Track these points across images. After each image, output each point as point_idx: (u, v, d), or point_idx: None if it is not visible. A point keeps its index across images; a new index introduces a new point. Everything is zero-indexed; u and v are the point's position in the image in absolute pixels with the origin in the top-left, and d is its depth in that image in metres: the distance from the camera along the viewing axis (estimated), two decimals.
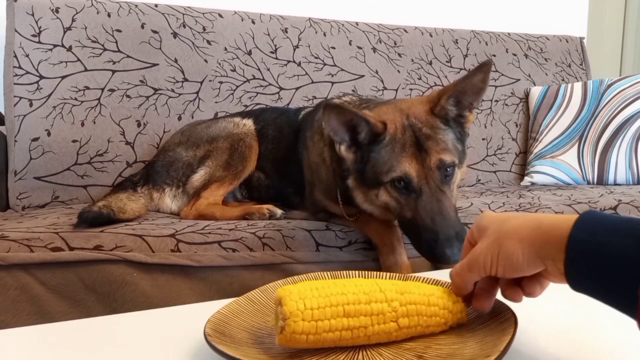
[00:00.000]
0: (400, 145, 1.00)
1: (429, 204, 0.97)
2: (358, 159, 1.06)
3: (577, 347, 0.58)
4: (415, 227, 0.99)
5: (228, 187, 1.40)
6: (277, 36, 1.92)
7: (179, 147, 1.47)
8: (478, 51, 2.23)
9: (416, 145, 1.00)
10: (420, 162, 0.99)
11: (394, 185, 1.01)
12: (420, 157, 0.99)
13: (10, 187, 1.54)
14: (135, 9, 1.74)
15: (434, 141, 1.00)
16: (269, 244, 1.10)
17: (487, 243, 0.53)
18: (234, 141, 1.42)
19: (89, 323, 0.70)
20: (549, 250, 0.47)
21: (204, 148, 1.43)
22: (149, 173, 1.48)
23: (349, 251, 1.16)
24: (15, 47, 1.57)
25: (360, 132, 1.03)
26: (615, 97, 1.98)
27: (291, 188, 1.44)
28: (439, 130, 1.03)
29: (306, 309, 0.51)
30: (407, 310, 0.54)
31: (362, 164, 1.05)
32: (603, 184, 1.94)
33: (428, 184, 0.99)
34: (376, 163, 1.02)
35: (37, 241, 0.99)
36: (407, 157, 0.99)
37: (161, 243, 1.05)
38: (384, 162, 1.01)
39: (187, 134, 1.51)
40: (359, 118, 1.00)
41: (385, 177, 1.01)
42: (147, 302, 1.01)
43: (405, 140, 1.00)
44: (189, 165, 1.43)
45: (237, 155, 1.40)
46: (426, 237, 0.96)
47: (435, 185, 0.99)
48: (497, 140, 2.18)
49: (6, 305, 0.95)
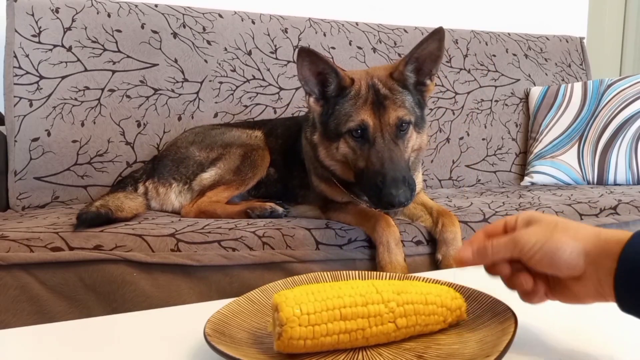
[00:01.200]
0: (362, 100, 1.11)
1: (380, 152, 1.07)
2: (324, 111, 1.16)
3: (577, 347, 0.58)
4: (366, 175, 1.07)
5: (234, 192, 1.41)
6: (277, 36, 1.92)
7: (192, 146, 1.49)
8: (478, 51, 2.23)
9: (375, 102, 1.10)
10: (377, 117, 1.09)
11: (351, 134, 1.11)
12: (378, 113, 1.09)
13: (10, 187, 1.54)
14: (135, 9, 1.74)
15: (391, 100, 1.11)
16: (269, 243, 1.10)
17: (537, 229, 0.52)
18: (247, 150, 1.44)
19: (89, 323, 0.71)
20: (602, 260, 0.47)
21: (217, 151, 1.45)
22: (155, 167, 1.50)
23: (348, 249, 1.16)
24: (15, 47, 1.57)
25: (329, 84, 1.14)
26: (615, 97, 1.98)
27: (297, 181, 1.46)
28: (396, 91, 1.13)
29: (302, 314, 0.51)
30: (404, 310, 0.54)
31: (327, 116, 1.15)
32: (603, 184, 1.94)
33: (382, 136, 1.09)
34: (339, 115, 1.13)
35: (37, 241, 0.99)
36: (366, 110, 1.10)
37: (161, 242, 1.05)
38: (345, 114, 1.12)
39: (202, 136, 1.52)
40: (330, 68, 1.11)
41: (344, 127, 1.11)
42: (147, 301, 1.01)
43: (367, 96, 1.11)
44: (200, 164, 1.44)
45: (248, 163, 1.42)
46: (374, 180, 1.04)
47: (389, 138, 1.09)
48: (497, 140, 2.18)
49: (6, 305, 0.95)
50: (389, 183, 1.02)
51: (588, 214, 1.40)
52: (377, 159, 1.06)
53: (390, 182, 1.02)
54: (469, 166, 2.12)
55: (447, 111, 2.12)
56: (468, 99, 2.16)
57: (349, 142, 1.12)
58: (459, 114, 2.13)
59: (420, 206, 1.31)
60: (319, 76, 1.13)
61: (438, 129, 2.09)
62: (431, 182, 2.04)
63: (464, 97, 2.16)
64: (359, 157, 1.11)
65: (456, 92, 2.15)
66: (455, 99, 2.14)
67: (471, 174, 2.12)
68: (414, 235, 1.22)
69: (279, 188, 1.50)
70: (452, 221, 1.20)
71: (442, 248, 1.18)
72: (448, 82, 2.14)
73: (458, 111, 2.13)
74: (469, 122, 2.14)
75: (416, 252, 1.20)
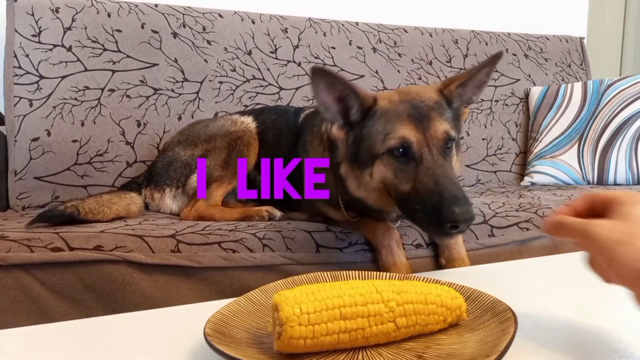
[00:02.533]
0: (395, 115, 0.96)
1: (431, 169, 0.91)
2: (350, 139, 1.02)
3: (577, 347, 0.58)
4: (416, 197, 0.91)
5: (227, 187, 1.39)
6: (277, 36, 1.92)
7: (178, 147, 1.47)
8: (478, 51, 2.23)
9: (415, 115, 0.95)
10: (420, 130, 0.94)
11: (391, 154, 0.95)
12: (421, 125, 0.94)
13: (10, 187, 1.54)
14: (135, 9, 1.74)
15: (437, 112, 0.97)
16: (269, 245, 1.10)
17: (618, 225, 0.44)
18: (231, 140, 1.41)
19: (89, 323, 0.71)
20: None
21: (201, 147, 1.42)
22: (151, 174, 1.49)
23: (349, 252, 1.15)
24: (15, 47, 1.57)
25: (351, 107, 1.00)
26: (615, 97, 1.98)
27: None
28: (442, 105, 1.00)
29: (302, 313, 0.51)
30: (404, 309, 0.54)
31: (354, 144, 1.01)
32: (603, 184, 1.94)
33: (430, 151, 0.93)
34: (370, 136, 0.98)
35: (37, 241, 0.99)
36: (405, 123, 0.95)
37: (161, 244, 1.05)
38: (378, 133, 0.97)
39: (186, 134, 1.51)
40: (348, 88, 0.97)
41: (381, 148, 0.96)
42: (147, 302, 1.01)
43: (400, 110, 0.96)
44: (187, 165, 1.42)
45: (235, 154, 1.38)
46: (430, 201, 0.87)
47: (438, 153, 0.93)
48: (497, 140, 2.18)
49: (6, 305, 0.95)
50: (449, 201, 0.85)
51: None
52: (429, 178, 0.90)
53: (450, 200, 0.85)
54: (469, 166, 2.12)
55: None
56: None
57: (388, 165, 0.96)
58: None
59: None
60: (339, 98, 0.99)
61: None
62: None
63: None
64: (401, 180, 0.94)
65: None
66: None
67: (471, 174, 2.12)
68: (414, 239, 1.21)
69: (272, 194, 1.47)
70: None
71: (445, 252, 1.16)
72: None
73: None
74: (469, 122, 2.14)
75: (416, 255, 1.19)
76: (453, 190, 0.87)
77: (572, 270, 0.94)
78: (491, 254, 1.25)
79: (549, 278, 0.87)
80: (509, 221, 1.31)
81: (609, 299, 0.73)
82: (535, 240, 1.31)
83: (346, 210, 1.17)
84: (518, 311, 0.56)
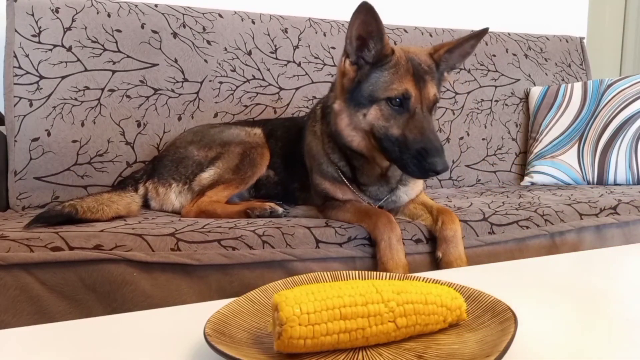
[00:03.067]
0: (404, 70, 1.14)
1: (420, 122, 1.11)
2: (357, 77, 1.17)
3: (577, 347, 0.58)
4: (403, 143, 1.11)
5: (234, 190, 1.41)
6: (277, 36, 1.92)
7: (191, 146, 1.48)
8: (478, 51, 2.23)
9: (416, 74, 1.14)
10: (418, 89, 1.14)
11: (389, 102, 1.13)
12: (419, 85, 1.14)
13: (10, 187, 1.54)
14: (135, 9, 1.74)
15: (431, 76, 1.17)
16: (268, 242, 1.10)
17: None
18: (246, 148, 1.44)
19: (89, 323, 0.71)
20: None
21: (215, 150, 1.45)
22: (155, 167, 1.50)
23: (348, 247, 1.16)
24: (15, 47, 1.57)
25: (370, 49, 1.15)
26: (615, 97, 1.98)
27: (297, 184, 1.47)
28: (433, 70, 1.19)
29: (302, 313, 0.51)
30: (404, 309, 0.54)
31: (357, 83, 1.17)
32: (603, 184, 1.94)
33: (422, 107, 1.14)
34: (377, 81, 1.15)
35: (37, 241, 0.99)
36: (409, 80, 1.13)
37: (161, 242, 1.05)
38: (385, 81, 1.14)
39: (200, 135, 1.52)
40: (379, 32, 1.13)
41: (383, 94, 1.13)
42: (147, 301, 1.01)
43: (408, 67, 1.14)
44: (199, 164, 1.44)
45: (247, 161, 1.42)
46: (415, 148, 1.08)
47: (427, 110, 1.15)
48: (497, 140, 2.18)
49: (6, 305, 0.95)
50: (433, 152, 1.07)
51: (588, 213, 1.40)
52: (418, 129, 1.10)
53: (433, 151, 1.07)
54: (469, 166, 2.12)
55: (447, 111, 2.12)
56: (468, 99, 2.16)
57: (383, 110, 1.14)
58: (459, 114, 2.13)
59: (420, 205, 1.31)
60: (360, 40, 1.15)
61: (438, 129, 2.09)
62: (431, 182, 2.04)
63: (464, 97, 2.16)
64: (393, 126, 1.13)
65: (456, 92, 2.15)
66: (455, 99, 2.14)
67: (471, 174, 2.12)
68: (414, 234, 1.22)
69: (279, 190, 1.50)
70: (452, 219, 1.21)
71: (442, 245, 1.18)
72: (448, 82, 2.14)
73: (458, 111, 2.14)
74: (469, 122, 2.14)
75: (416, 250, 1.20)
76: (436, 143, 1.09)
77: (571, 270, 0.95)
78: (491, 252, 1.26)
79: (549, 278, 0.87)
80: (509, 219, 1.31)
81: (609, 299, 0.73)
82: (535, 238, 1.31)
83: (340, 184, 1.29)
84: (518, 311, 0.56)
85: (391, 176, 1.29)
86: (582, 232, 1.37)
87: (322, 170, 1.32)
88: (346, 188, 1.29)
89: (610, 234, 1.40)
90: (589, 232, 1.38)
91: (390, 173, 1.28)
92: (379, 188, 1.30)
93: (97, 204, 1.25)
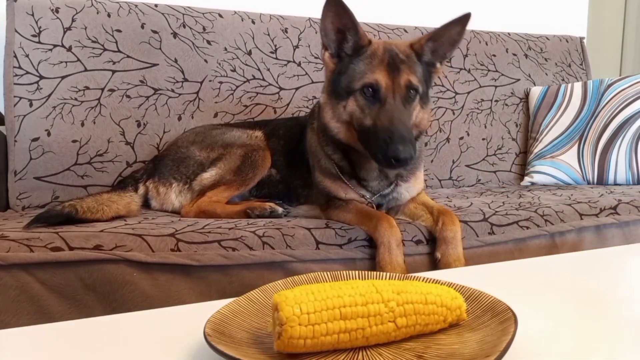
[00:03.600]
0: (378, 60, 1.16)
1: (390, 111, 1.12)
2: (337, 70, 1.21)
3: (577, 347, 0.58)
4: (373, 132, 1.12)
5: (234, 192, 1.41)
6: (277, 36, 1.92)
7: (193, 146, 1.49)
8: (478, 51, 2.23)
9: (391, 64, 1.15)
10: (391, 78, 1.14)
11: (362, 92, 1.15)
12: (392, 75, 1.14)
13: (10, 187, 1.54)
14: (135, 9, 1.74)
15: (406, 65, 1.17)
16: (268, 243, 1.10)
17: None
18: (248, 150, 1.44)
19: (89, 323, 0.71)
20: None
21: (218, 151, 1.45)
22: (156, 167, 1.50)
23: (348, 249, 1.16)
24: (15, 47, 1.57)
25: (348, 40, 1.19)
26: (615, 97, 1.98)
27: (299, 181, 1.47)
28: (412, 60, 1.19)
29: (302, 313, 0.51)
30: (404, 309, 0.54)
31: (338, 75, 1.20)
32: (603, 184, 1.94)
33: (394, 98, 1.14)
34: (352, 73, 1.17)
35: (37, 241, 0.99)
36: (382, 70, 1.15)
37: (161, 242, 1.05)
38: (359, 72, 1.16)
39: (203, 136, 1.52)
40: (352, 24, 1.16)
41: (357, 84, 1.16)
42: (147, 301, 1.01)
43: (383, 58, 1.16)
44: (200, 164, 1.44)
45: (249, 163, 1.42)
46: (382, 136, 1.09)
47: (400, 100, 1.14)
48: (497, 140, 2.18)
49: (6, 305, 0.95)
50: (397, 139, 1.07)
51: (588, 213, 1.40)
52: (387, 118, 1.11)
53: (397, 139, 1.07)
54: (469, 166, 2.12)
55: (447, 111, 2.12)
56: (468, 99, 2.16)
57: (359, 100, 1.16)
58: (459, 114, 2.13)
59: (421, 206, 1.31)
60: (339, 33, 1.18)
61: (438, 129, 2.09)
62: (431, 182, 2.04)
63: (464, 97, 2.16)
64: (366, 116, 1.14)
65: (456, 92, 2.15)
66: (455, 99, 2.14)
67: (471, 173, 2.12)
68: (414, 235, 1.22)
69: (281, 188, 1.50)
70: (453, 220, 1.21)
71: (442, 246, 1.18)
72: (448, 82, 2.14)
73: (458, 111, 2.14)
74: (469, 122, 2.14)
75: (416, 251, 1.20)
76: (402, 132, 1.09)
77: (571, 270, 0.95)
78: (492, 252, 1.26)
79: (549, 278, 0.87)
80: (509, 219, 1.31)
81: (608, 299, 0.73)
82: (535, 238, 1.31)
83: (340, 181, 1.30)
84: (518, 311, 0.56)
85: (388, 170, 1.28)
86: (582, 232, 1.37)
87: (321, 166, 1.33)
88: (346, 185, 1.29)
89: (610, 234, 1.40)
90: (589, 232, 1.38)
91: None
92: (379, 183, 1.30)
93: (97, 204, 1.25)
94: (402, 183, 1.32)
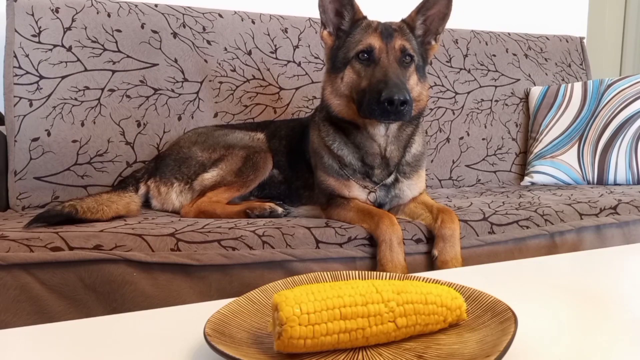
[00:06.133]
0: (372, 29, 1.23)
1: (384, 68, 1.16)
2: (335, 46, 1.28)
3: (577, 347, 0.58)
4: (369, 89, 1.15)
5: (234, 193, 1.41)
6: (277, 36, 1.92)
7: (195, 146, 1.49)
8: (478, 51, 2.23)
9: (384, 32, 1.22)
10: (384, 42, 1.21)
11: (358, 58, 1.20)
12: (385, 40, 1.21)
13: (10, 187, 1.54)
14: (135, 9, 1.74)
15: (399, 33, 1.24)
16: (268, 242, 1.10)
17: None
18: (250, 152, 1.45)
19: (89, 323, 0.71)
20: None
21: (219, 152, 1.45)
22: (157, 166, 1.50)
23: (348, 248, 1.16)
24: (15, 47, 1.57)
25: (345, 17, 1.26)
26: (615, 97, 1.98)
27: (300, 181, 1.47)
28: (405, 30, 1.26)
29: (302, 313, 0.51)
30: (404, 309, 0.54)
31: (336, 50, 1.26)
32: (603, 184, 1.94)
33: (387, 56, 1.19)
34: (349, 44, 1.24)
35: (37, 241, 0.99)
36: (376, 36, 1.21)
37: (161, 242, 1.05)
38: (355, 41, 1.23)
39: (205, 136, 1.52)
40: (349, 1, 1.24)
41: (352, 52, 1.22)
42: (147, 301, 1.01)
43: (376, 27, 1.24)
44: (202, 164, 1.44)
45: (250, 165, 1.43)
46: (377, 88, 1.12)
47: (394, 59, 1.19)
48: (497, 140, 2.18)
49: (6, 305, 0.95)
50: (391, 86, 1.10)
51: (588, 213, 1.40)
52: (381, 73, 1.15)
53: (392, 85, 1.10)
54: (469, 166, 2.12)
55: (447, 111, 2.12)
56: (468, 99, 2.16)
57: (355, 66, 1.21)
58: (459, 114, 2.13)
59: (421, 205, 1.31)
60: (337, 13, 1.26)
61: (438, 129, 2.09)
62: (431, 182, 2.04)
63: (464, 97, 2.16)
64: (362, 79, 1.19)
65: (456, 92, 2.15)
66: (455, 99, 2.14)
67: (471, 173, 2.12)
68: (414, 234, 1.22)
69: (282, 189, 1.50)
70: (452, 218, 1.21)
71: (439, 244, 1.18)
72: (448, 82, 2.14)
73: (458, 111, 2.14)
74: (469, 122, 2.14)
75: (416, 250, 1.20)
76: (396, 81, 1.12)
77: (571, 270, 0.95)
78: (491, 252, 1.26)
79: (548, 278, 0.87)
80: (509, 219, 1.31)
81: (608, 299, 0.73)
82: (535, 238, 1.31)
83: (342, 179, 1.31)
84: (518, 311, 0.56)
85: (390, 157, 1.29)
86: (582, 232, 1.37)
87: (324, 165, 1.33)
88: (349, 181, 1.29)
89: (610, 234, 1.40)
90: (589, 232, 1.38)
91: (389, 153, 1.29)
92: (382, 171, 1.30)
93: (97, 204, 1.25)
94: (404, 180, 1.32)
